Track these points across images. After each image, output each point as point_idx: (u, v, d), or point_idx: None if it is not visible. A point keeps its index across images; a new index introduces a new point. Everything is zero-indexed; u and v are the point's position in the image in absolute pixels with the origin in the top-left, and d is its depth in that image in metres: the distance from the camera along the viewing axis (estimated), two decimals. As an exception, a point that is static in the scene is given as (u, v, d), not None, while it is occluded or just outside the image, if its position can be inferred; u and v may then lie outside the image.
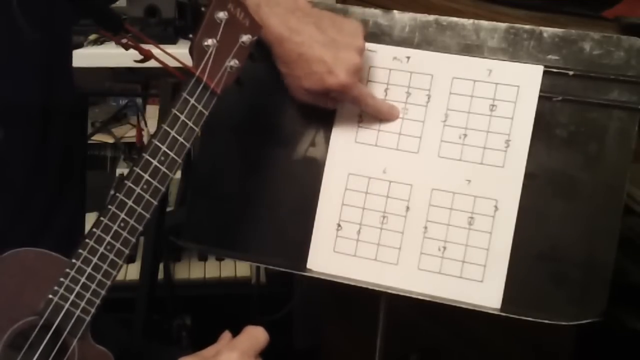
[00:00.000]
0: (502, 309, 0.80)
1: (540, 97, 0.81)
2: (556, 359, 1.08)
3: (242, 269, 1.72)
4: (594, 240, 0.79)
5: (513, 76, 0.82)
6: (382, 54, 0.86)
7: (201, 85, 0.73)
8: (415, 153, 0.84)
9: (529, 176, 0.81)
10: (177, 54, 1.99)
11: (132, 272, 1.60)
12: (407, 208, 0.83)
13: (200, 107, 0.73)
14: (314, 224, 0.85)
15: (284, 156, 0.88)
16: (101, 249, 0.68)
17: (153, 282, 1.47)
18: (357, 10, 0.88)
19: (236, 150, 0.91)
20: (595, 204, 0.79)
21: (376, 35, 0.87)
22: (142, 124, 1.98)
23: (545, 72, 0.81)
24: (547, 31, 0.83)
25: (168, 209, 1.51)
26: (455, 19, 0.86)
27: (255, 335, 0.72)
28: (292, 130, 0.88)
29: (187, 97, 0.72)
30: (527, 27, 0.83)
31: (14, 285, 0.66)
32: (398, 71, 0.86)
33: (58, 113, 0.77)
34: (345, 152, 0.86)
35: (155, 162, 0.70)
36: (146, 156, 0.70)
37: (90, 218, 0.77)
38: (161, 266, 1.59)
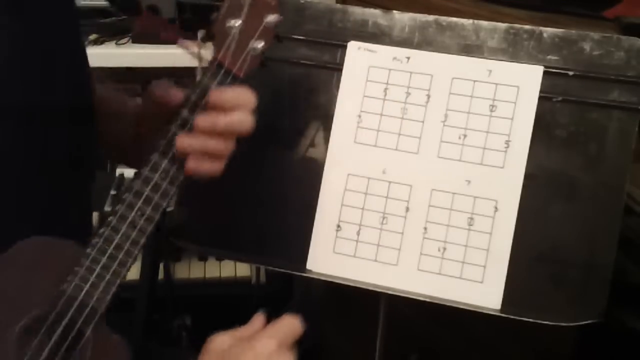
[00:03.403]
0: (502, 309, 0.80)
1: (540, 98, 0.81)
2: (556, 359, 1.08)
3: (242, 269, 1.72)
4: (594, 241, 0.79)
5: (513, 76, 0.82)
6: (381, 54, 0.86)
7: (223, 70, 0.70)
8: (415, 153, 0.84)
9: (528, 177, 0.81)
10: (177, 54, 1.99)
11: (132, 272, 1.58)
12: (407, 209, 0.83)
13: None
14: (314, 224, 0.85)
15: (284, 156, 0.88)
16: (117, 238, 0.67)
17: (153, 282, 1.47)
18: (357, 10, 0.88)
19: (236, 150, 0.91)
20: (595, 205, 0.79)
21: (376, 35, 0.87)
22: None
23: (545, 73, 0.81)
24: (547, 31, 0.83)
25: (168, 209, 1.51)
26: (455, 19, 0.86)
27: (293, 326, 0.69)
28: (291, 131, 0.88)
29: (208, 82, 0.70)
30: (527, 27, 0.83)
31: (29, 274, 0.65)
32: (398, 71, 0.86)
33: (57, 113, 0.76)
34: (345, 153, 0.86)
35: (174, 149, 0.69)
36: (164, 142, 0.69)
37: (90, 218, 0.77)
38: (161, 266, 1.59)
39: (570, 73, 0.81)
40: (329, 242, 0.85)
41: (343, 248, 0.84)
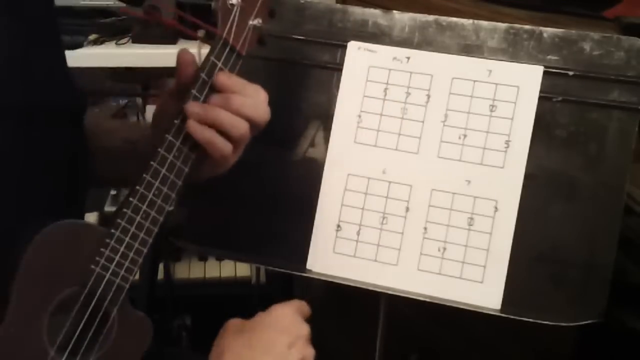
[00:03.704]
0: (502, 309, 0.80)
1: (540, 98, 0.81)
2: (556, 359, 1.08)
3: (242, 269, 1.72)
4: (594, 241, 0.79)
5: (513, 76, 0.82)
6: (382, 54, 0.86)
7: (227, 48, 0.72)
8: (415, 153, 0.84)
9: (528, 177, 0.81)
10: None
11: (132, 272, 1.60)
12: (407, 209, 0.83)
13: (226, 70, 0.72)
14: (314, 224, 0.85)
15: (284, 156, 0.88)
16: (138, 218, 0.69)
17: (153, 282, 1.47)
18: (357, 10, 0.88)
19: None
20: (595, 204, 0.79)
21: (376, 35, 0.87)
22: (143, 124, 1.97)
23: (545, 73, 0.81)
24: (547, 31, 0.83)
25: (168, 209, 1.51)
26: (455, 19, 0.86)
27: (304, 305, 0.75)
28: (291, 131, 0.88)
29: (215, 60, 0.71)
30: (527, 27, 0.83)
31: (58, 257, 0.66)
32: (398, 71, 0.86)
33: (54, 114, 0.76)
34: (345, 153, 0.86)
35: (186, 129, 0.70)
36: (177, 123, 0.70)
37: (90, 218, 0.77)
38: (161, 266, 1.59)
39: (570, 73, 0.81)
40: (329, 242, 0.85)
41: (343, 248, 0.84)
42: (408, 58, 0.85)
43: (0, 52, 0.69)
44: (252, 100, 0.71)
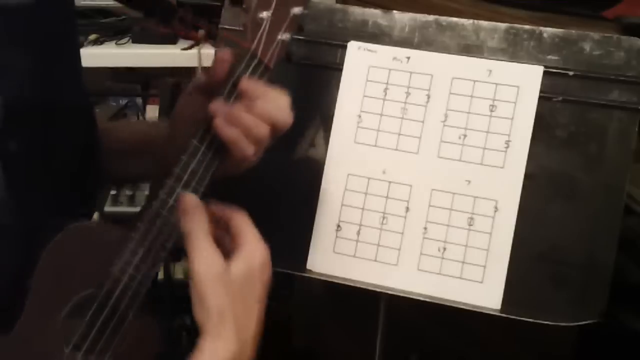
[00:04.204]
0: (502, 309, 0.80)
1: (540, 98, 0.81)
2: (556, 359, 1.08)
3: (242, 269, 1.72)
4: (594, 241, 0.79)
5: (513, 76, 0.82)
6: (381, 54, 0.86)
7: (255, 60, 0.71)
8: (415, 153, 0.84)
9: (529, 177, 0.81)
10: (178, 54, 1.99)
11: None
12: (407, 209, 0.83)
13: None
14: (314, 224, 0.85)
15: (284, 156, 0.88)
16: (158, 221, 0.68)
17: (153, 282, 1.47)
18: (357, 10, 0.88)
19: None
20: (595, 204, 0.79)
21: (376, 35, 0.87)
22: (142, 124, 1.97)
23: (545, 73, 0.81)
24: (547, 31, 0.83)
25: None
26: (455, 19, 0.86)
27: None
28: (291, 131, 0.88)
29: (241, 72, 0.71)
30: (527, 27, 0.83)
31: (77, 257, 0.67)
32: (398, 71, 0.86)
33: (70, 112, 0.76)
34: (345, 153, 0.86)
35: (211, 134, 0.70)
36: (203, 129, 0.70)
37: (90, 219, 0.77)
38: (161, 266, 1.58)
39: (570, 73, 0.81)
40: (329, 242, 0.85)
41: (343, 248, 0.84)
42: (408, 58, 0.85)
43: (21, 55, 0.69)
44: (274, 105, 0.72)
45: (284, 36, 0.72)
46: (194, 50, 1.76)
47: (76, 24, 0.82)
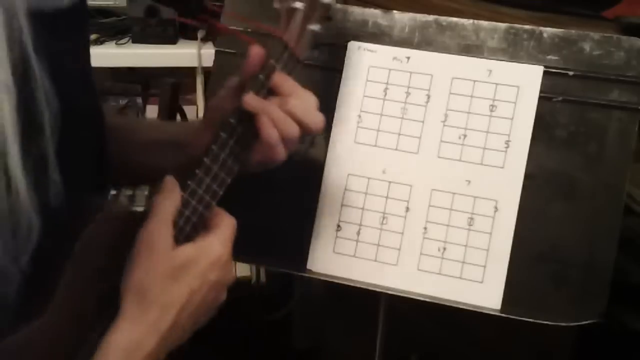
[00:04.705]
0: (502, 309, 0.80)
1: (540, 98, 0.81)
2: (556, 359, 1.08)
3: (242, 269, 1.72)
4: (594, 241, 0.79)
5: (513, 76, 0.82)
6: (381, 54, 0.86)
7: (287, 51, 0.71)
8: (415, 153, 0.84)
9: (529, 176, 0.81)
10: (178, 54, 1.99)
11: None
12: (407, 209, 0.83)
13: (283, 73, 0.71)
14: (314, 224, 0.85)
15: (284, 156, 0.88)
16: (187, 212, 0.68)
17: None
18: (357, 10, 0.88)
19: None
20: (595, 204, 0.79)
21: (376, 35, 0.87)
22: (142, 124, 1.97)
23: (545, 73, 0.81)
24: (547, 31, 0.83)
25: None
26: (455, 19, 0.86)
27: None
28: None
29: (273, 62, 0.70)
30: (527, 27, 0.83)
31: (107, 247, 0.66)
32: (398, 71, 0.86)
33: (84, 114, 0.75)
34: (345, 153, 0.86)
35: (239, 128, 0.70)
36: (232, 121, 0.70)
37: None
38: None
39: (570, 73, 0.81)
40: (329, 242, 0.85)
41: (343, 248, 0.85)
42: (408, 58, 0.85)
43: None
44: (304, 104, 0.71)
45: (314, 27, 0.72)
46: (194, 50, 1.76)
47: (89, 23, 0.81)
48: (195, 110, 1.86)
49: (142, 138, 0.87)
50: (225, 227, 0.70)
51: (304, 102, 0.71)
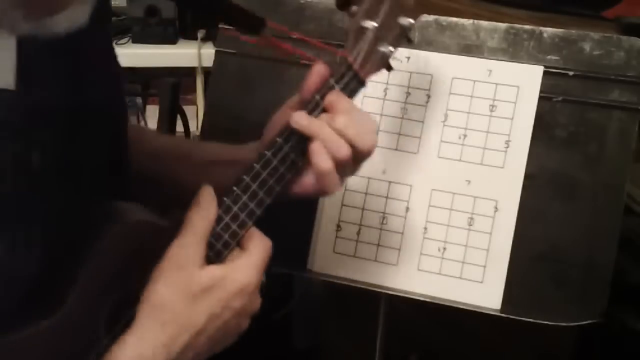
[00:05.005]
0: (502, 309, 0.80)
1: (540, 98, 0.81)
2: (556, 359, 1.08)
3: (242, 268, 1.72)
4: (594, 241, 0.79)
5: (513, 76, 0.82)
6: (382, 54, 0.86)
7: (351, 73, 0.66)
8: (415, 153, 0.84)
9: (529, 176, 0.81)
10: (178, 54, 1.99)
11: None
12: (407, 209, 0.83)
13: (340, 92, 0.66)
14: (314, 224, 0.85)
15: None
16: (218, 229, 0.65)
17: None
18: (357, 10, 0.88)
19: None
20: (595, 204, 0.79)
21: (376, 35, 0.87)
22: (142, 124, 1.98)
23: (545, 73, 0.81)
24: (547, 31, 0.83)
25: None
26: (455, 19, 0.86)
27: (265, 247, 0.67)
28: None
29: (332, 82, 0.65)
30: (527, 27, 0.83)
31: (125, 256, 0.63)
32: (398, 71, 0.85)
33: (100, 116, 0.72)
34: (345, 153, 0.86)
35: (286, 148, 0.65)
36: (279, 139, 0.65)
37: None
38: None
39: (570, 73, 0.81)
40: (329, 241, 0.85)
41: (343, 248, 0.84)
42: (408, 58, 0.85)
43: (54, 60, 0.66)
44: (358, 125, 0.65)
45: (387, 49, 0.66)
46: (194, 50, 1.77)
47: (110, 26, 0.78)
48: (195, 110, 1.86)
49: (199, 159, 0.82)
50: (258, 252, 0.66)
51: (357, 122, 0.65)
